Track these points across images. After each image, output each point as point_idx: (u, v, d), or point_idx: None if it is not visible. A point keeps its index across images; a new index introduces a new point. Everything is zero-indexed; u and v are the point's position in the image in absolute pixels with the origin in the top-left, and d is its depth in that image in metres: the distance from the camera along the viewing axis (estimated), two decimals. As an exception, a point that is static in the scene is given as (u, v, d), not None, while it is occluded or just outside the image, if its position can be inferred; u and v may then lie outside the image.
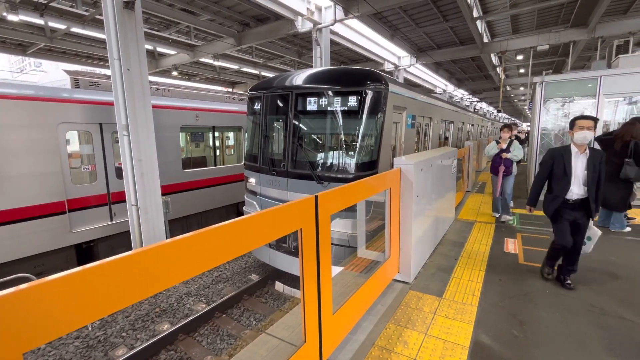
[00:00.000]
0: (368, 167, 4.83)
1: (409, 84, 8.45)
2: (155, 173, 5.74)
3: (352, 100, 4.84)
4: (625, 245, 4.68)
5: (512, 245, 4.76)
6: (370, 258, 4.18)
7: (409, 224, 3.42)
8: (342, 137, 5.05)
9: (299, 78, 5.33)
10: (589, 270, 3.87)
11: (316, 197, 2.03)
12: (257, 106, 5.82)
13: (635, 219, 5.81)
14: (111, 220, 6.84)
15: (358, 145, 4.88)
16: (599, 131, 7.04)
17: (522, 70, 19.59)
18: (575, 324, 2.85)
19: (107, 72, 7.96)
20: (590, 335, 2.69)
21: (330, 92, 4.96)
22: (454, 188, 5.96)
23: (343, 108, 4.89)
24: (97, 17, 8.65)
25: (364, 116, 4.83)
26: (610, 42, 9.24)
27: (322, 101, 4.98)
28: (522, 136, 17.85)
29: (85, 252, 6.64)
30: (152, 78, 9.38)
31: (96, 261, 1.07)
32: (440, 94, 18.43)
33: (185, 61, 12.91)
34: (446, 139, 10.51)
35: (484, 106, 33.07)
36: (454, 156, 5.49)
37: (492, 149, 6.09)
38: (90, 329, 4.96)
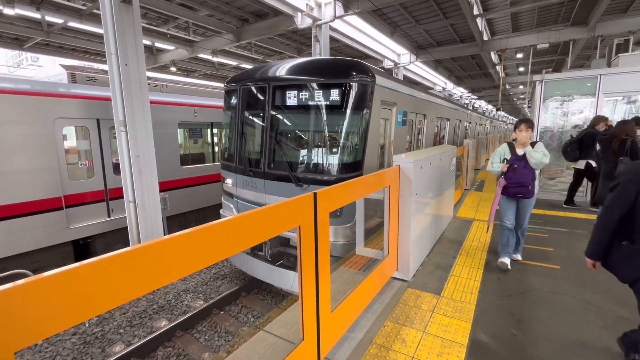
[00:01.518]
0: (351, 168, 4.41)
1: (409, 82, 8.21)
2: (153, 169, 5.70)
3: (334, 94, 4.37)
4: (622, 244, 4.69)
5: (510, 244, 4.76)
6: (368, 256, 4.18)
7: (408, 222, 3.41)
8: (323, 134, 4.59)
9: (278, 69, 4.83)
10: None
11: (315, 194, 2.01)
12: (233, 100, 5.34)
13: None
14: (109, 216, 6.81)
15: (341, 144, 4.44)
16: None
17: (521, 69, 19.60)
18: (573, 323, 2.86)
19: (105, 67, 7.90)
20: (588, 334, 2.69)
21: (310, 84, 4.50)
22: (453, 186, 5.96)
23: (324, 102, 4.43)
24: (95, 11, 8.57)
25: (347, 111, 4.38)
26: (610, 40, 9.23)
27: (302, 95, 4.52)
28: None
29: (82, 249, 6.61)
30: (150, 74, 9.32)
31: (93, 257, 1.05)
32: (439, 92, 18.42)
33: (183, 57, 12.83)
34: (442, 137, 10.07)
35: (483, 104, 33.10)
36: (453, 154, 5.49)
37: (501, 155, 3.94)
38: (87, 325, 4.94)
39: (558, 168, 7.95)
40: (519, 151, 3.82)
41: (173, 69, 13.93)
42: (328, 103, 4.42)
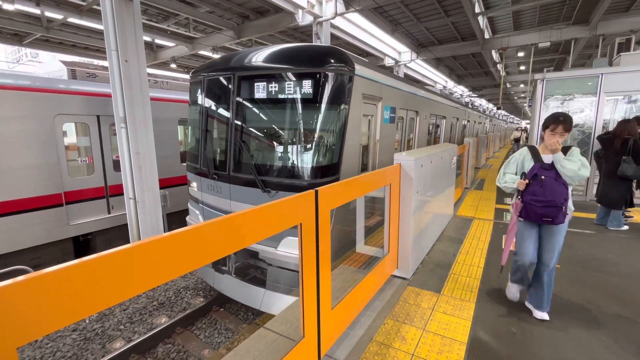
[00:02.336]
0: (326, 172, 3.86)
1: (410, 80, 7.98)
2: (153, 166, 5.70)
3: (306, 85, 3.79)
4: (622, 243, 4.70)
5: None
6: (369, 254, 4.18)
7: (408, 220, 3.41)
8: (293, 133, 4.01)
9: (246, 57, 4.26)
10: (586, 268, 3.89)
11: (316, 191, 2.01)
12: (197, 93, 4.81)
13: (633, 217, 5.83)
14: (109, 213, 6.81)
15: (313, 144, 3.84)
16: (599, 130, 7.06)
17: (522, 68, 19.57)
18: (573, 322, 2.86)
19: (105, 63, 7.88)
20: (588, 333, 2.70)
21: (278, 75, 3.93)
22: (453, 185, 5.95)
23: (294, 95, 3.86)
24: (95, 7, 8.52)
25: (321, 106, 3.79)
26: (612, 40, 9.20)
27: (271, 86, 3.94)
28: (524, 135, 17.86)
29: (82, 245, 6.62)
30: (150, 70, 9.29)
31: (93, 254, 1.05)
32: (440, 90, 18.38)
33: (184, 53, 12.78)
34: (438, 137, 9.49)
35: (483, 103, 33.06)
36: (453, 153, 5.48)
37: (518, 164, 2.94)
38: (87, 321, 4.95)
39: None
40: (546, 157, 2.77)
41: (173, 65, 13.86)
42: (298, 96, 3.84)
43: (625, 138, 4.83)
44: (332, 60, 3.88)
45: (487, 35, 12.69)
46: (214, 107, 4.58)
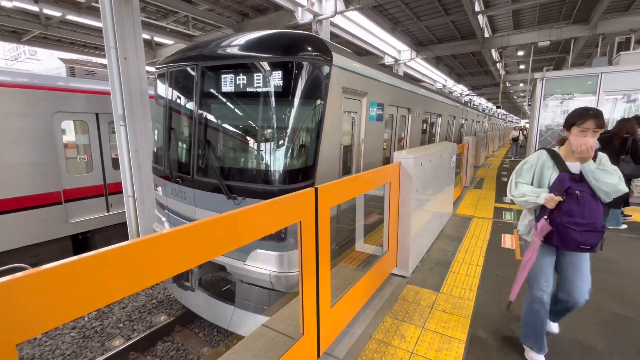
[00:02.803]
0: (299, 177, 3.40)
1: (410, 79, 7.70)
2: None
3: (275, 77, 3.31)
4: (620, 242, 4.71)
5: (509, 241, 4.78)
6: (368, 252, 4.19)
7: (408, 218, 3.41)
8: (262, 132, 3.54)
9: (212, 45, 3.79)
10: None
11: (316, 189, 2.01)
12: (162, 87, 4.34)
13: (631, 216, 5.85)
14: (107, 211, 6.79)
15: (284, 145, 3.38)
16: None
17: (522, 67, 19.58)
18: (571, 320, 2.87)
19: (104, 61, 7.85)
20: (586, 332, 2.71)
21: (245, 64, 3.45)
22: (453, 183, 5.95)
23: (263, 88, 3.36)
24: (93, 4, 8.49)
25: (293, 101, 3.32)
26: (612, 39, 9.21)
27: (238, 78, 3.46)
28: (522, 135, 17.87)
29: (81, 243, 6.61)
30: (149, 68, 9.25)
31: (92, 251, 1.05)
32: (437, 88, 18.37)
33: (183, 51, 12.73)
34: (433, 136, 8.94)
35: (483, 102, 33.08)
36: (453, 151, 5.48)
37: (534, 168, 2.31)
38: (86, 319, 4.95)
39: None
40: (573, 165, 2.15)
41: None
42: (267, 89, 3.36)
43: (624, 137, 4.84)
44: (305, 48, 3.38)
45: (486, 34, 12.68)
46: (177, 102, 4.11)
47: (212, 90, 3.70)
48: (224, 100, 3.65)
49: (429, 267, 3.88)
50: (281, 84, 3.31)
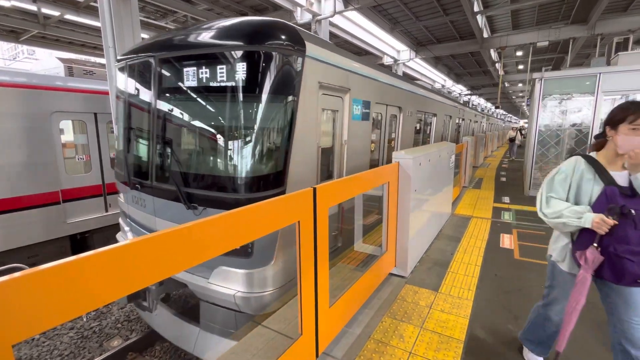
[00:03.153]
0: (267, 184, 2.97)
1: (403, 76, 7.41)
2: (151, 164, 5.67)
3: (239, 69, 2.85)
4: None
5: (507, 241, 4.79)
6: (367, 252, 4.19)
7: (407, 218, 3.42)
8: (223, 133, 3.09)
9: (172, 36, 3.36)
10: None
11: (314, 189, 2.00)
12: (121, 82, 3.88)
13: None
14: (106, 211, 6.78)
15: (248, 147, 2.94)
16: (596, 129, 7.09)
17: (520, 67, 19.62)
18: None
19: (102, 60, 7.82)
20: (585, 331, 2.71)
21: (205, 55, 3.03)
22: (452, 183, 5.96)
23: (224, 82, 2.92)
24: (92, 4, 8.48)
25: (259, 96, 2.89)
26: (610, 39, 9.23)
27: (199, 71, 3.02)
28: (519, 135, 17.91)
29: (79, 243, 6.59)
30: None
31: (89, 251, 1.04)
32: (439, 89, 18.39)
33: (182, 51, 12.72)
34: (427, 137, 8.56)
35: (482, 102, 33.14)
36: (452, 151, 5.49)
37: (569, 179, 1.85)
38: (85, 320, 4.94)
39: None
40: (619, 175, 1.72)
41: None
42: (229, 83, 2.91)
43: None
44: (273, 36, 2.94)
45: (485, 34, 12.70)
46: (134, 99, 3.67)
47: (170, 85, 3.31)
48: (183, 96, 3.25)
49: (427, 267, 3.88)
50: (245, 77, 2.85)
